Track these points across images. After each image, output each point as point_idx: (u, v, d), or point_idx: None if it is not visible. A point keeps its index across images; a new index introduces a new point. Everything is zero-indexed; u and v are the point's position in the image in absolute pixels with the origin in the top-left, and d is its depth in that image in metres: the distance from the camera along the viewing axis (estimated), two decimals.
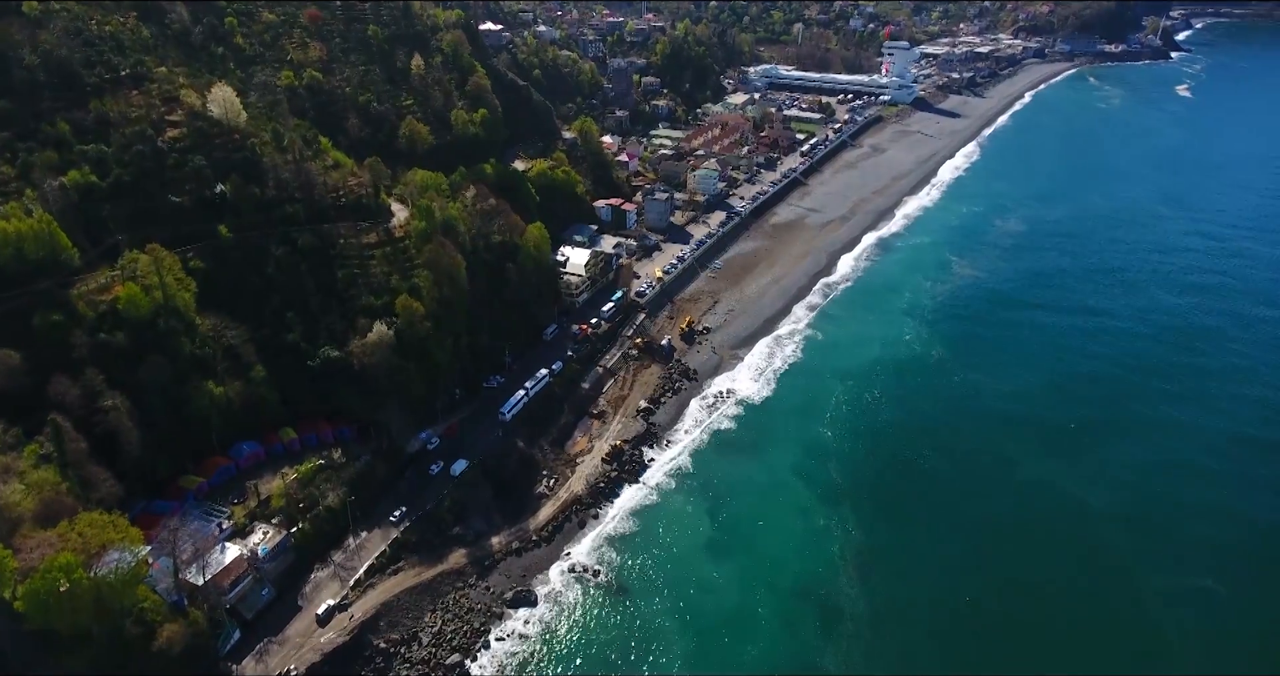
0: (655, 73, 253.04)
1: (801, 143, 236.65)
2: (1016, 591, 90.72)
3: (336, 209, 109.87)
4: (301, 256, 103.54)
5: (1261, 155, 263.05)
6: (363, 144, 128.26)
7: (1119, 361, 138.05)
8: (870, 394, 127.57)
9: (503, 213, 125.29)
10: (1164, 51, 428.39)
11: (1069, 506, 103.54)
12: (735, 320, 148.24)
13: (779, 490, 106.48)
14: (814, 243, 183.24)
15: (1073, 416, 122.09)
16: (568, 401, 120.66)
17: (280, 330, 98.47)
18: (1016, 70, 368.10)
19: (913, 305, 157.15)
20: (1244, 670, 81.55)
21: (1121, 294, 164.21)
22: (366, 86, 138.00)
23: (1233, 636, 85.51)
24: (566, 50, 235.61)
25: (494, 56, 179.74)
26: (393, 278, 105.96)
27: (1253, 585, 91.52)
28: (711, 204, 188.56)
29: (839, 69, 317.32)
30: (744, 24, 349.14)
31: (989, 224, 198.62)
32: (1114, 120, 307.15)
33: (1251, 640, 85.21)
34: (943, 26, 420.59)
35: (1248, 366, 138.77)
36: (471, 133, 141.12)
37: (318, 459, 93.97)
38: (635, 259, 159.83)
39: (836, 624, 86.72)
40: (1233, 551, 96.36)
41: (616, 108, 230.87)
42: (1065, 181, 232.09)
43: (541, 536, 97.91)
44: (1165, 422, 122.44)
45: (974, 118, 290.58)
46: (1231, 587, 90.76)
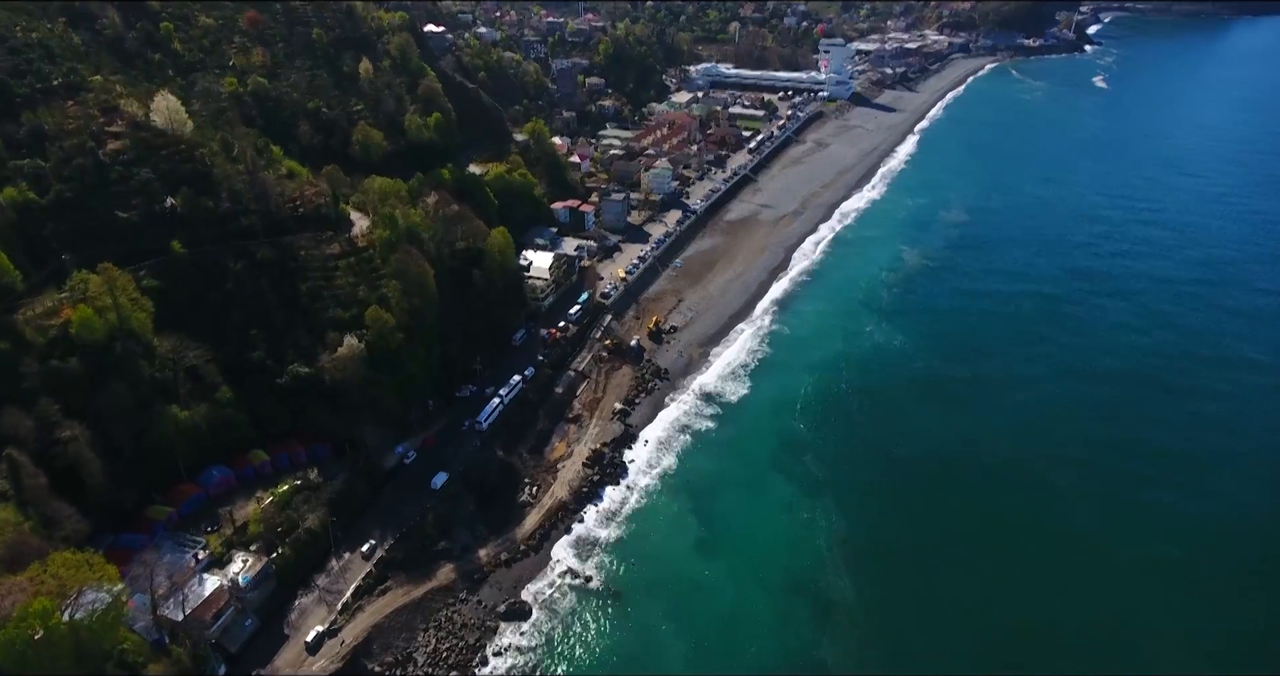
0: (599, 73, 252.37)
1: (748, 140, 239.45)
2: (994, 570, 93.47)
3: (295, 220, 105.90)
4: (261, 270, 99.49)
5: (1175, 141, 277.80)
6: (315, 151, 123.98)
7: (1066, 341, 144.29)
8: (838, 386, 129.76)
9: (465, 218, 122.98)
10: (1078, 44, 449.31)
11: (1035, 484, 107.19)
12: (701, 318, 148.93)
13: (760, 485, 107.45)
14: (770, 238, 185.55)
15: (1029, 397, 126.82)
16: (543, 407, 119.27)
17: (244, 348, 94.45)
18: (944, 65, 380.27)
19: (870, 296, 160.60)
20: (1213, 632, 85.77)
21: (1065, 276, 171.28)
22: (315, 92, 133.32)
23: (1200, 600, 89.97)
24: (509, 52, 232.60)
25: (439, 59, 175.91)
26: (359, 289, 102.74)
27: (1212, 551, 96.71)
28: (667, 203, 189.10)
29: (777, 66, 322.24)
30: (681, 23, 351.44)
31: (934, 215, 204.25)
32: (1038, 111, 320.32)
33: (1216, 601, 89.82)
34: (871, 23, 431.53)
35: (1189, 327, 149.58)
36: (426, 137, 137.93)
37: (293, 480, 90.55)
38: (597, 260, 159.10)
39: (829, 616, 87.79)
40: (1192, 521, 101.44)
41: (563, 109, 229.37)
42: (1000, 171, 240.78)
43: (529, 545, 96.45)
44: (1116, 396, 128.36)
45: (909, 112, 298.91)
46: (1194, 554, 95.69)
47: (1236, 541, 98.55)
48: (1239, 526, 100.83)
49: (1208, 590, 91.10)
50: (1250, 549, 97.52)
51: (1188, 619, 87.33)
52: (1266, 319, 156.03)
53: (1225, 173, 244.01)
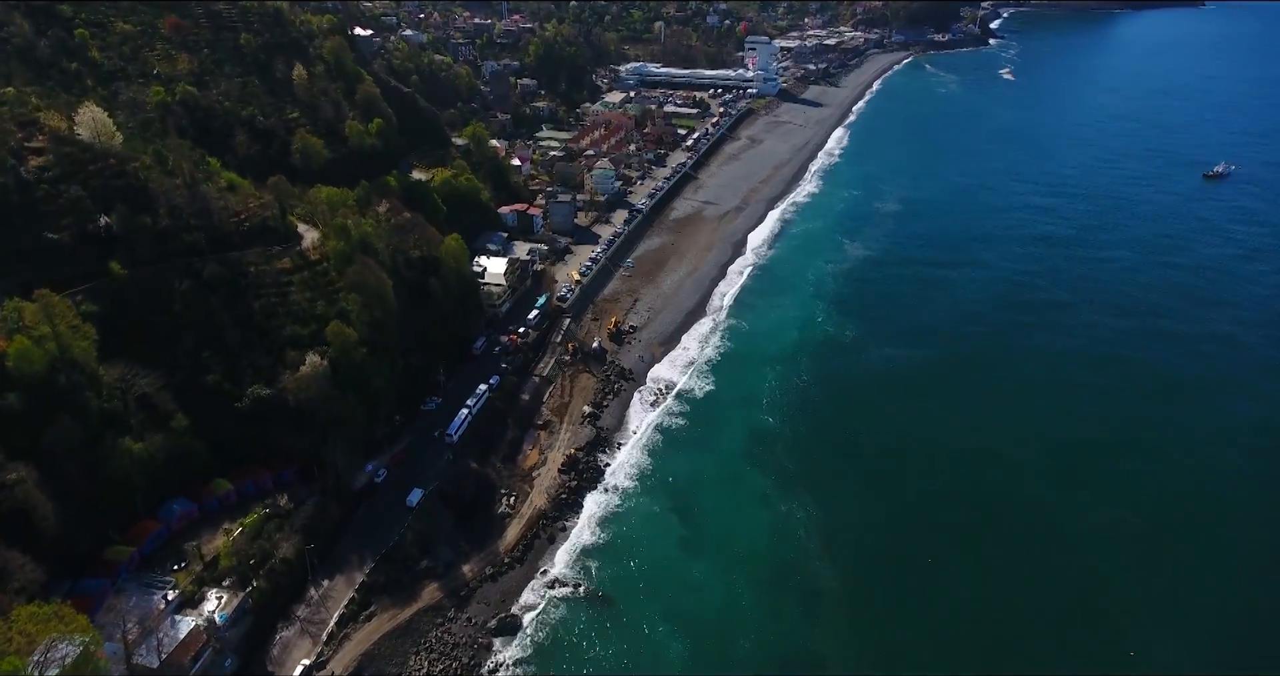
0: (530, 74, 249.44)
1: (685, 138, 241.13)
2: (965, 548, 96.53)
3: (241, 234, 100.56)
4: (209, 289, 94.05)
5: (1077, 130, 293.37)
6: (253, 162, 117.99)
7: (1002, 318, 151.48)
8: (799, 377, 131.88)
9: (418, 226, 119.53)
10: (983, 38, 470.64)
11: (995, 463, 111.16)
12: (658, 316, 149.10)
13: (735, 480, 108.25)
14: (716, 234, 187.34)
15: (979, 376, 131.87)
16: (511, 415, 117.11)
17: (198, 372, 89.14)
18: (862, 60, 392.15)
19: (819, 287, 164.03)
20: (1173, 593, 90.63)
21: (997, 257, 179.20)
22: (248, 99, 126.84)
23: (1157, 563, 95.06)
24: (439, 55, 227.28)
25: (370, 63, 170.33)
26: (317, 304, 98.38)
27: (1165, 515, 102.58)
28: (612, 203, 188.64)
29: (704, 64, 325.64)
30: (606, 23, 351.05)
31: (869, 205, 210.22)
32: (953, 103, 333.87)
33: (1172, 564, 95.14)
34: (790, 21, 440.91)
35: (1119, 301, 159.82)
36: (368, 144, 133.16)
37: (262, 508, 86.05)
38: (549, 263, 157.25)
39: (818, 605, 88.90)
40: (1144, 488, 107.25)
41: (497, 111, 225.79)
42: (924, 161, 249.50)
43: (513, 557, 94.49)
44: (1056, 367, 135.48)
45: (835, 106, 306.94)
46: (1149, 520, 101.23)
47: (1204, 510, 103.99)
48: (1204, 495, 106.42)
49: (1181, 563, 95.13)
50: (1211, 515, 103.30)
51: (1161, 594, 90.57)
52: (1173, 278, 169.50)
53: (1121, 153, 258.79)
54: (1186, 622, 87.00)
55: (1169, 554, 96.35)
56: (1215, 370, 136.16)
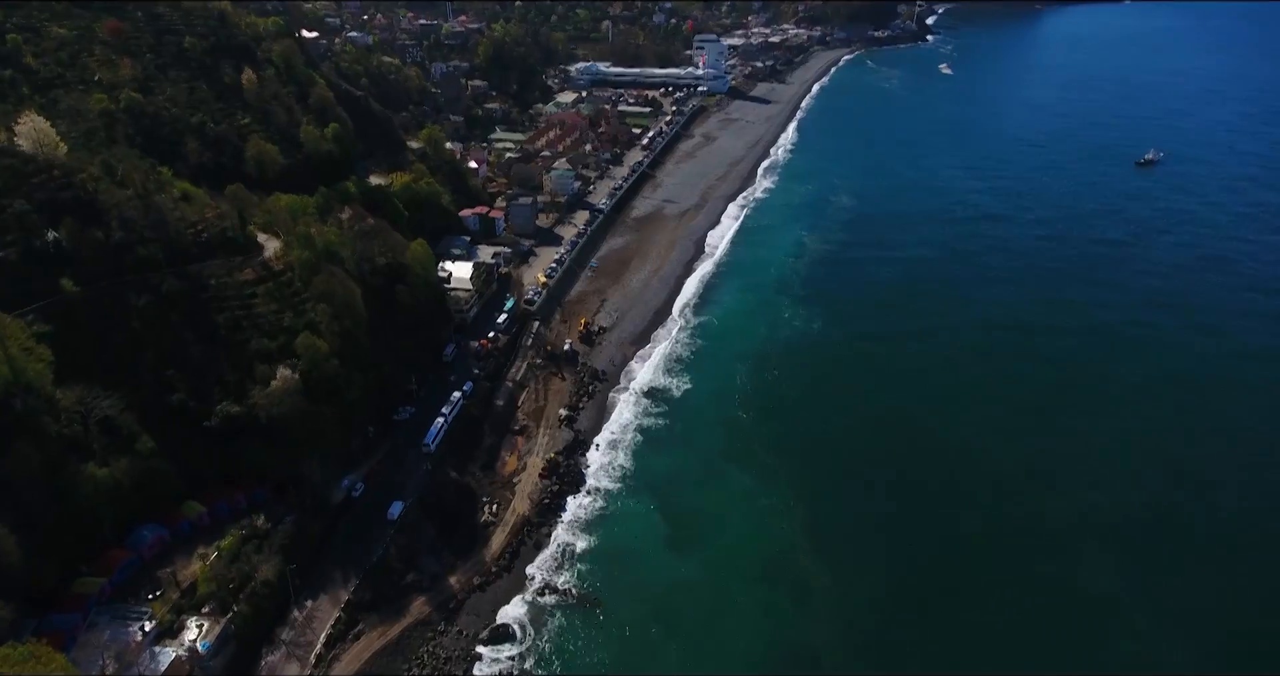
0: (481, 75, 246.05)
1: (640, 136, 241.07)
2: (946, 531, 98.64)
3: (198, 246, 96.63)
4: (169, 305, 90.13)
5: (1015, 119, 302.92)
6: (206, 170, 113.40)
7: (962, 303, 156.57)
8: (770, 372, 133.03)
9: (383, 232, 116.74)
10: (921, 34, 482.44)
11: (965, 448, 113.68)
12: (627, 316, 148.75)
13: (717, 477, 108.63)
14: (678, 232, 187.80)
15: (943, 362, 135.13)
16: (487, 421, 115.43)
17: (162, 391, 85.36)
18: (807, 57, 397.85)
19: (782, 282, 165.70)
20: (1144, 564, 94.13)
21: (950, 247, 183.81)
22: (196, 105, 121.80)
23: (1123, 533, 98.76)
24: (387, 57, 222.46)
25: (318, 66, 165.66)
26: (284, 316, 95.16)
27: (1124, 484, 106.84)
28: (572, 204, 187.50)
29: (653, 63, 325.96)
30: (552, 23, 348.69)
31: (825, 200, 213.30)
32: (897, 98, 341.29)
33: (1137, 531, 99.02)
34: (733, 19, 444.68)
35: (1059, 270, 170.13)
36: (325, 149, 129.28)
37: (238, 529, 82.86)
38: (514, 266, 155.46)
39: (808, 599, 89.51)
40: (1101, 463, 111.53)
41: (449, 113, 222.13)
42: (875, 155, 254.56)
43: (500, 565, 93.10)
44: (1013, 348, 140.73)
45: (784, 103, 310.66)
46: (1110, 496, 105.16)
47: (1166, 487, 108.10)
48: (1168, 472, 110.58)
49: (1124, 525, 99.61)
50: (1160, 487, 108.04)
51: (1145, 575, 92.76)
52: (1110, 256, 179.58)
53: (1057, 143, 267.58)
54: (1165, 605, 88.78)
55: (1149, 531, 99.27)
56: (1160, 333, 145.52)
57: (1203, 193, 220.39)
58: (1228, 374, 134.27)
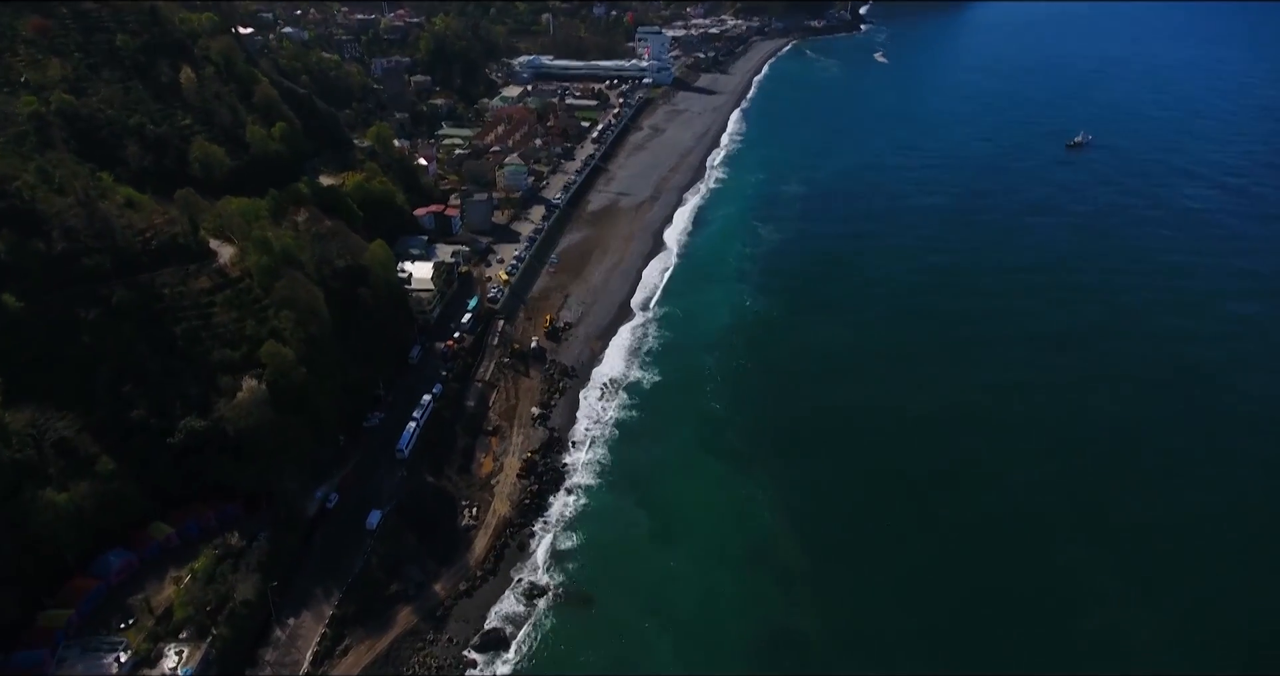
0: (424, 70, 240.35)
1: (589, 130, 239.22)
2: (921, 511, 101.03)
3: (148, 254, 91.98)
4: (122, 317, 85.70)
5: (949, 107, 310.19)
6: (148, 174, 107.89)
7: (915, 285, 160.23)
8: (736, 360, 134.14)
9: (341, 234, 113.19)
10: (855, 24, 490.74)
11: (930, 431, 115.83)
12: (592, 310, 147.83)
13: (695, 467, 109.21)
14: (635, 225, 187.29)
15: (903, 346, 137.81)
16: (459, 423, 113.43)
17: (120, 409, 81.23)
18: (747, 48, 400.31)
19: (741, 271, 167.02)
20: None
21: (901, 230, 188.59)
22: (133, 106, 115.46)
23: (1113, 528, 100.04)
24: (325, 53, 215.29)
25: (257, 63, 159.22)
26: (246, 324, 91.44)
27: (1084, 462, 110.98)
28: (527, 199, 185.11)
29: (596, 56, 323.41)
30: (492, 16, 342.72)
31: (776, 188, 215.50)
32: (836, 86, 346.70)
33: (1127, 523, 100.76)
34: (673, 11, 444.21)
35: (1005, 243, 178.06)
36: (273, 149, 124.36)
37: (210, 549, 79.54)
38: (474, 264, 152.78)
39: (794, 583, 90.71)
40: (1060, 439, 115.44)
41: (394, 110, 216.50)
42: (819, 142, 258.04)
43: (485, 569, 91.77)
44: (959, 323, 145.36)
45: (728, 93, 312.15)
46: (1073, 472, 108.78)
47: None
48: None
49: (1133, 523, 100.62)
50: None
51: (1123, 561, 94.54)
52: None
53: (992, 128, 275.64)
54: (1141, 582, 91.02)
55: (1127, 515, 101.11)
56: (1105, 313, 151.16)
57: (1127, 170, 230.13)
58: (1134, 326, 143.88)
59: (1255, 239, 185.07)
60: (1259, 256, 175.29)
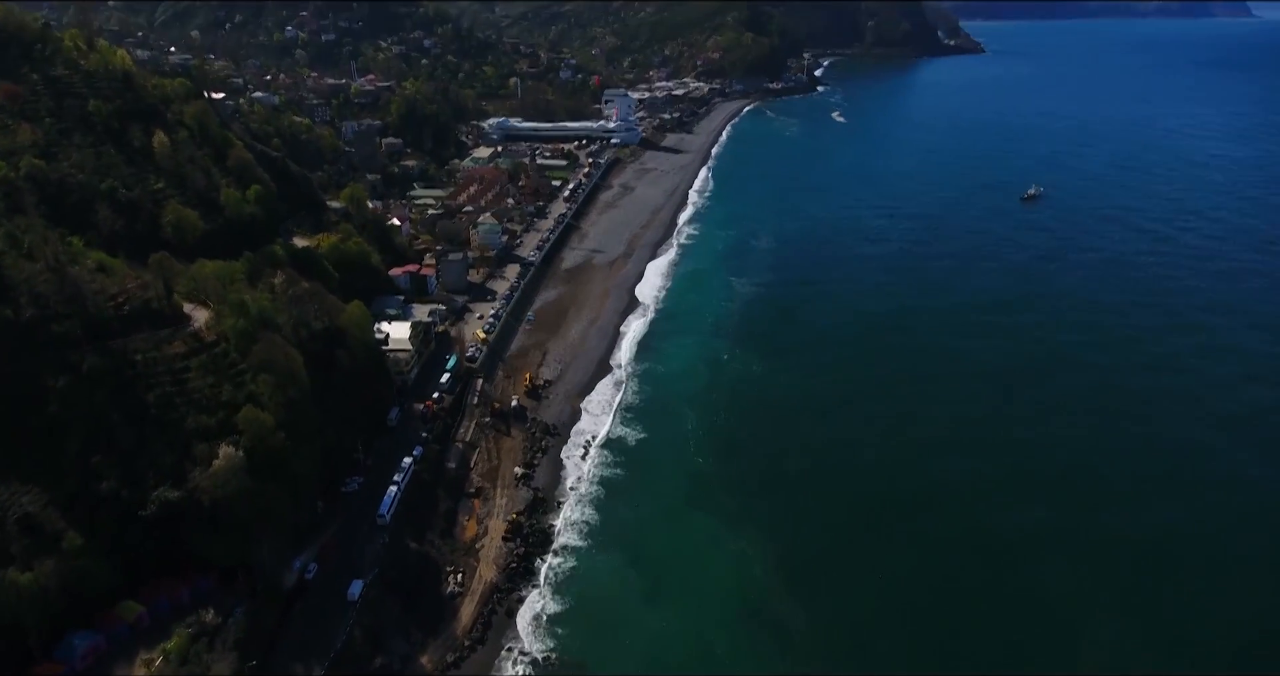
0: (395, 133, 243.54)
1: (560, 189, 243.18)
2: (914, 556, 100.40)
3: (120, 320, 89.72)
4: (92, 384, 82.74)
5: (908, 164, 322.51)
6: (120, 238, 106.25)
7: (887, 331, 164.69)
8: (718, 416, 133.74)
9: (318, 295, 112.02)
10: (812, 85, 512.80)
11: (914, 473, 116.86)
12: (571, 368, 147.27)
13: (684, 525, 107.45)
14: (609, 281, 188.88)
15: (882, 394, 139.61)
16: (440, 486, 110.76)
17: (89, 481, 77.62)
18: (709, 109, 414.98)
19: (717, 326, 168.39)
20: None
21: (866, 278, 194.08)
22: (105, 171, 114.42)
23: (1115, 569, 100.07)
24: (296, 116, 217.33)
25: (230, 127, 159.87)
26: (222, 389, 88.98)
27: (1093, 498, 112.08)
28: (502, 258, 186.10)
29: (564, 117, 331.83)
30: (460, 80, 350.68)
31: (747, 243, 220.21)
32: (799, 144, 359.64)
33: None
34: (636, 74, 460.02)
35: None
36: (248, 212, 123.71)
37: (184, 627, 75.26)
38: (450, 324, 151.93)
39: (791, 642, 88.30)
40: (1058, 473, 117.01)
41: (365, 172, 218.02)
42: (786, 199, 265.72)
43: (473, 638, 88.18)
44: (928, 362, 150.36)
45: (695, 152, 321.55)
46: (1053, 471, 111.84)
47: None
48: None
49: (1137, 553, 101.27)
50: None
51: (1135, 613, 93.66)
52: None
53: (948, 182, 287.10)
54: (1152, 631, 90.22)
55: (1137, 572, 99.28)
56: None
57: (1079, 221, 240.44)
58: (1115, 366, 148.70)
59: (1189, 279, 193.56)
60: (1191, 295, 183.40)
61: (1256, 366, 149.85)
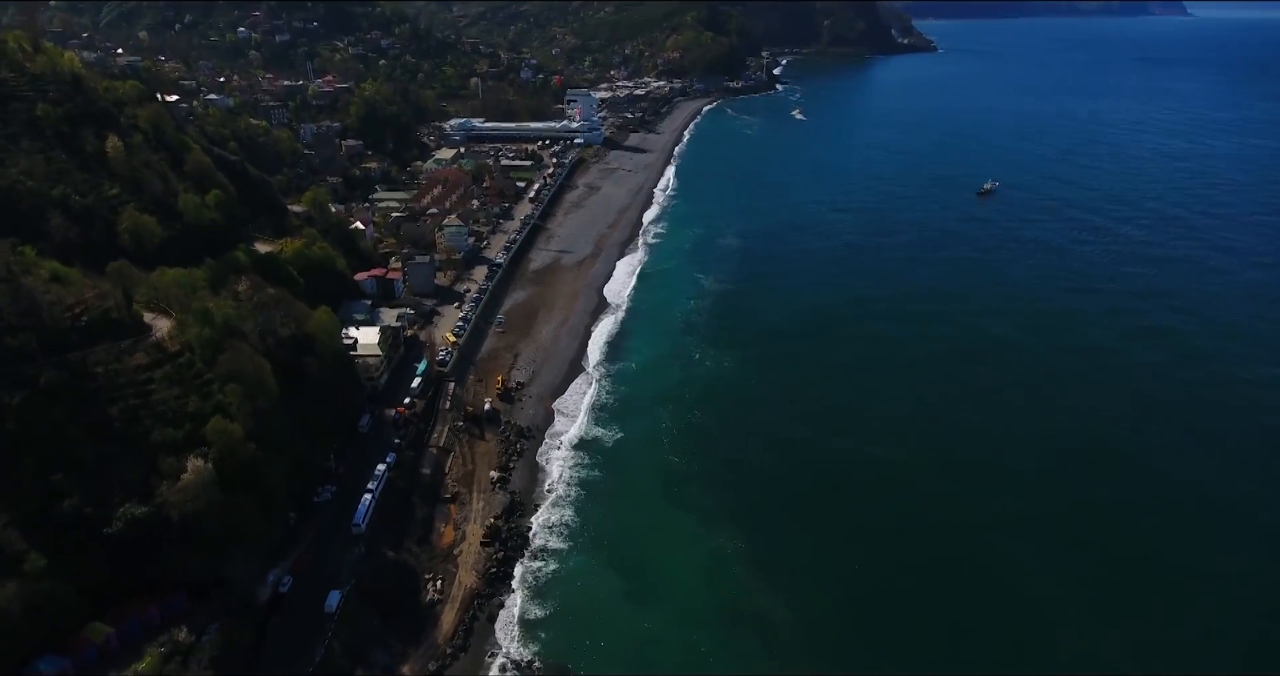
0: (355, 135, 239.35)
1: (526, 190, 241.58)
2: (889, 554, 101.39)
3: (78, 332, 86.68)
4: (51, 399, 79.83)
5: (866, 160, 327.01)
6: (74, 247, 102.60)
7: (858, 331, 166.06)
8: (692, 414, 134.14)
9: (284, 302, 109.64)
10: (771, 84, 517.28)
11: (887, 471, 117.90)
12: (543, 369, 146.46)
13: (662, 525, 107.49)
14: (578, 282, 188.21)
15: (855, 391, 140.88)
16: (415, 493, 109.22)
17: (51, 499, 74.84)
18: (671, 108, 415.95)
19: (688, 325, 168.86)
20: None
21: (829, 273, 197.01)
22: (57, 177, 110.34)
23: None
24: (252, 118, 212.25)
25: (185, 130, 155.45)
26: (188, 400, 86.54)
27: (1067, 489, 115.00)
28: (469, 260, 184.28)
29: (526, 117, 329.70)
30: (420, 81, 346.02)
31: (714, 241, 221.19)
32: (760, 142, 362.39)
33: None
34: (597, 74, 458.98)
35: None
36: (209, 218, 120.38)
37: (155, 647, 73.09)
38: (419, 327, 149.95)
39: (775, 638, 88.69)
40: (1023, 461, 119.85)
41: (325, 175, 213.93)
42: (749, 196, 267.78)
43: (455, 646, 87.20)
44: (894, 355, 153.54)
45: (658, 151, 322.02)
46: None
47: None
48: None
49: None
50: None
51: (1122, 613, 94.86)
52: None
53: (906, 178, 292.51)
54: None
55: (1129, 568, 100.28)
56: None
57: (1029, 215, 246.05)
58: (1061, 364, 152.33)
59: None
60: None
61: (1182, 347, 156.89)
